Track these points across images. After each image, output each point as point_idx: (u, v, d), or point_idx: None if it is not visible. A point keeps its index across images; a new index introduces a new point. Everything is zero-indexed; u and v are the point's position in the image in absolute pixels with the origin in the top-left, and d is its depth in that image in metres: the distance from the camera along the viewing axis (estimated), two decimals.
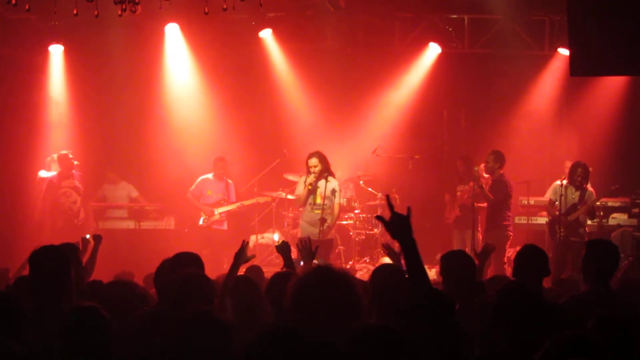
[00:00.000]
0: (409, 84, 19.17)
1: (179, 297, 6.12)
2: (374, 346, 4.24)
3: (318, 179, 14.40)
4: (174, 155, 18.91)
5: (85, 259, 9.91)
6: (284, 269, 8.15)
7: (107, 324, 5.58)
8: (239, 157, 18.47)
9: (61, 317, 5.75)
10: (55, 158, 17.33)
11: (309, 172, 14.47)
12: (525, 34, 17.74)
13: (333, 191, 14.53)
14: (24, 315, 6.05)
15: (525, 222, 17.09)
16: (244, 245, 7.48)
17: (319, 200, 14.48)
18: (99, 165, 18.50)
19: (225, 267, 13.54)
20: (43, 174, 17.42)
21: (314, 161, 14.39)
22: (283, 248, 8.68)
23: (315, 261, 8.66)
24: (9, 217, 17.54)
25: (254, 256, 8.26)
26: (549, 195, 15.91)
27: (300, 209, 15.47)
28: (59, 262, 6.46)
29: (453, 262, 8.08)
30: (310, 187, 14.41)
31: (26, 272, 8.62)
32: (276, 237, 17.66)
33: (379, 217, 5.40)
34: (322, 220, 14.35)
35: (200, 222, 17.28)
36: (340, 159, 18.56)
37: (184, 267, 6.71)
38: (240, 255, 7.68)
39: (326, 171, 14.45)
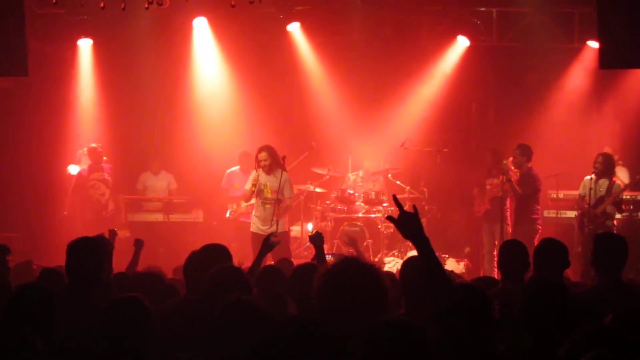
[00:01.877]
0: (437, 77, 19.11)
1: (215, 289, 6.09)
2: (393, 342, 4.18)
3: (268, 173, 14.30)
4: (202, 148, 18.96)
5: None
6: (314, 260, 8.14)
7: (149, 315, 5.58)
8: None
9: (95, 309, 5.80)
10: (85, 151, 17.42)
11: (258, 167, 14.39)
12: (554, 27, 17.62)
13: (282, 185, 14.36)
14: (55, 307, 6.07)
15: (554, 215, 17.02)
16: (273, 233, 7.52)
17: (268, 194, 14.35)
18: (127, 158, 18.58)
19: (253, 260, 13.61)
20: (73, 167, 17.53)
21: (263, 155, 14.27)
22: (316, 238, 8.62)
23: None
24: (39, 210, 17.67)
25: (279, 242, 8.27)
26: (579, 190, 15.85)
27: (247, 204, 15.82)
28: (94, 254, 6.53)
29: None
30: (255, 181, 14.32)
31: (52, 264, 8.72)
32: (310, 227, 17.67)
33: (389, 218, 5.38)
34: (277, 202, 14.22)
35: (227, 214, 17.31)
36: (369, 152, 18.62)
37: (212, 259, 6.72)
38: (267, 243, 7.71)
39: (276, 165, 14.35)
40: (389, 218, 5.33)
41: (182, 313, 6.43)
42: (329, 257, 9.02)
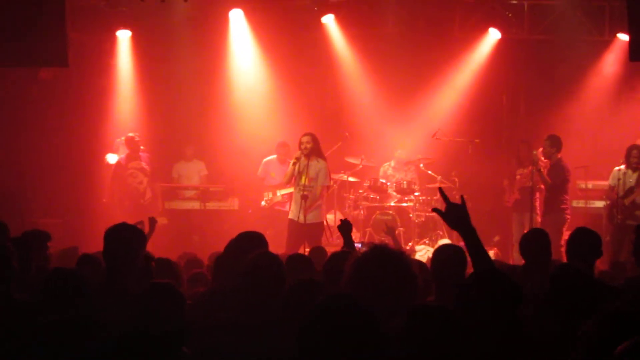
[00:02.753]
0: (468, 69, 19.08)
1: (253, 274, 6.03)
2: (430, 325, 4.18)
3: (308, 158, 14.21)
4: (238, 138, 19.02)
5: (150, 239, 10.01)
6: (344, 248, 8.21)
7: (183, 301, 5.62)
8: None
9: (129, 296, 5.82)
10: (123, 140, 17.54)
11: (300, 149, 14.38)
12: (585, 20, 17.59)
13: (318, 173, 14.36)
14: (89, 292, 6.17)
15: (583, 205, 17.02)
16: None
17: (305, 181, 14.28)
18: (164, 147, 18.69)
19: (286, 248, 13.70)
20: (111, 156, 17.66)
21: (306, 138, 14.26)
22: (344, 227, 8.68)
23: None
24: (79, 198, 17.82)
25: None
26: (609, 181, 15.83)
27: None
28: (131, 241, 6.51)
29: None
30: (296, 160, 14.24)
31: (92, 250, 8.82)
32: (331, 217, 17.73)
33: (435, 210, 5.42)
34: (304, 197, 14.17)
35: (263, 203, 17.41)
36: (401, 142, 18.61)
37: (249, 245, 6.71)
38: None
39: (317, 152, 14.39)
40: (436, 210, 5.37)
41: (219, 299, 6.45)
42: (357, 245, 9.08)
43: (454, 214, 5.18)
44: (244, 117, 19.19)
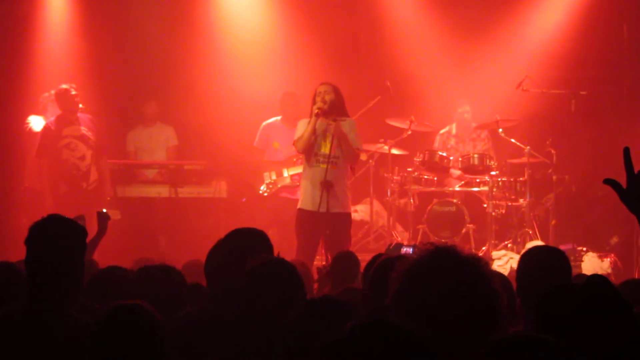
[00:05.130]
0: None
1: (255, 291, 6.08)
2: None
3: (327, 115, 13.89)
4: (223, 91, 19.04)
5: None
6: (388, 252, 8.19)
7: (160, 330, 5.51)
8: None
9: (73, 324, 5.83)
10: (53, 95, 17.46)
11: (314, 103, 13.93)
12: None
13: (348, 133, 13.80)
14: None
15: None
16: None
17: (325, 149, 13.89)
18: (113, 107, 18.67)
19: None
20: (35, 119, 17.59)
21: (324, 88, 13.90)
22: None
23: None
24: None
25: None
26: None
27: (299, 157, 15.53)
28: (71, 242, 6.43)
29: None
30: (318, 111, 13.75)
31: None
32: (363, 209, 17.70)
33: (609, 181, 5.34)
34: (327, 185, 13.76)
35: (262, 188, 17.33)
36: (471, 97, 18.57)
37: (243, 251, 6.66)
38: None
39: (339, 109, 14.01)
40: (609, 182, 5.31)
41: (206, 325, 6.46)
42: (406, 249, 9.07)
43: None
44: (233, 60, 19.22)
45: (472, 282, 4.67)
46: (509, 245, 17.32)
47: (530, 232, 17.34)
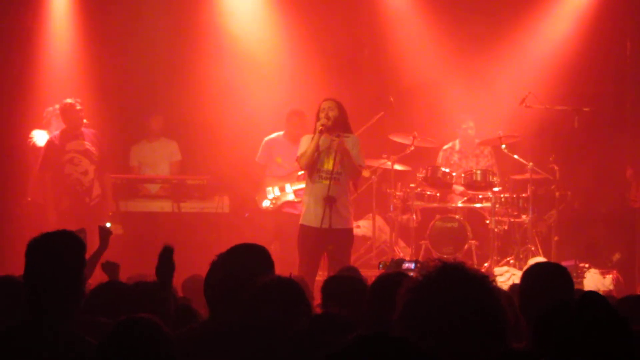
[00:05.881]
0: (571, 5, 19.10)
1: (259, 312, 6.07)
2: None
3: (330, 131, 13.90)
4: (230, 108, 19.05)
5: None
6: (391, 267, 8.16)
7: (169, 343, 5.44)
8: None
9: (71, 338, 5.80)
10: (58, 110, 17.45)
11: (318, 119, 13.99)
12: None
13: (351, 149, 13.82)
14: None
15: None
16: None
17: (328, 166, 13.90)
18: (117, 122, 18.67)
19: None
20: (39, 133, 17.58)
21: (328, 104, 13.93)
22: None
23: None
24: None
25: None
26: None
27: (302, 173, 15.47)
28: (72, 258, 6.41)
29: None
30: (322, 127, 13.77)
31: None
32: (365, 224, 17.68)
33: None
34: (330, 201, 13.76)
35: (265, 204, 17.33)
36: (474, 113, 18.56)
37: (245, 268, 6.71)
38: None
39: (342, 125, 14.03)
40: None
41: (208, 338, 6.43)
42: (407, 265, 9.04)
43: None
44: (237, 76, 19.22)
45: (481, 299, 4.66)
46: (511, 261, 17.31)
47: (533, 248, 17.33)
